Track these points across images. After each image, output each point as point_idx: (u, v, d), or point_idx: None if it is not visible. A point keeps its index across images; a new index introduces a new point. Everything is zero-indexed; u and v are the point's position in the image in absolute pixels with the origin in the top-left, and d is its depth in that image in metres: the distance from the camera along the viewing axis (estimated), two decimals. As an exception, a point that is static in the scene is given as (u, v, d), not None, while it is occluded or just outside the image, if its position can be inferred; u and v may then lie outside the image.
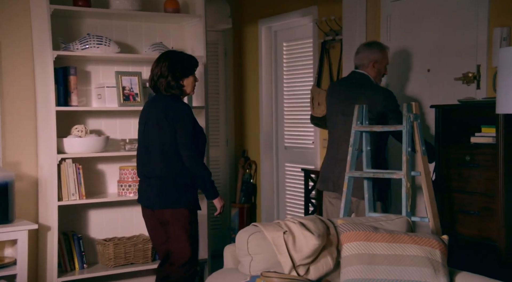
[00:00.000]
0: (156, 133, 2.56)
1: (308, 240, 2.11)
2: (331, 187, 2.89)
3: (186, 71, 2.59)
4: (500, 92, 2.16)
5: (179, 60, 2.57)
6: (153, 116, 2.59)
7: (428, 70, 3.12)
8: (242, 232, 2.20)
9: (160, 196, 2.56)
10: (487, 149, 2.45)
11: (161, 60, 2.60)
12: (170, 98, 2.59)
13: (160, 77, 2.57)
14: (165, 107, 2.55)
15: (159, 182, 2.56)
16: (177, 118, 2.51)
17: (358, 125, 2.70)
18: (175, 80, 2.56)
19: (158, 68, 2.58)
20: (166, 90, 2.58)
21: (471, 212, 2.49)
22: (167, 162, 2.56)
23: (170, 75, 2.55)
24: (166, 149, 2.55)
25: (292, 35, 4.22)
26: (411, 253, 2.05)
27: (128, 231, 3.37)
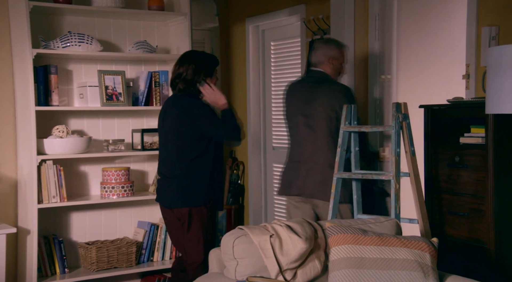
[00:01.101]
0: (173, 132, 2.57)
1: (295, 244, 2.07)
2: (295, 191, 2.77)
3: (210, 72, 2.62)
4: (489, 92, 2.13)
5: (204, 61, 2.60)
6: (171, 115, 2.60)
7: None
8: (227, 236, 2.15)
9: (178, 194, 2.56)
10: (476, 149, 2.42)
11: (187, 61, 2.60)
12: (189, 97, 2.60)
13: (184, 79, 2.59)
14: (185, 106, 2.56)
15: (177, 180, 2.56)
16: (198, 114, 2.52)
17: (347, 125, 2.65)
18: (202, 80, 2.59)
19: (183, 69, 2.59)
20: (186, 90, 2.59)
21: (460, 214, 2.46)
22: (184, 161, 2.56)
23: (196, 77, 2.57)
24: (182, 147, 2.56)
25: (280, 34, 4.17)
26: (401, 256, 2.01)
27: (111, 234, 3.29)
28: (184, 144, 2.55)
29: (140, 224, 3.34)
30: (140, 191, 3.37)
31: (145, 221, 3.33)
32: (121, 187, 3.13)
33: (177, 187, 2.56)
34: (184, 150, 2.55)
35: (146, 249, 3.27)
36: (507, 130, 2.32)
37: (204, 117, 2.54)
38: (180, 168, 2.55)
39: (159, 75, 3.28)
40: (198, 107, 2.55)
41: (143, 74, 3.26)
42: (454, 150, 2.51)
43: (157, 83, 3.27)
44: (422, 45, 3.05)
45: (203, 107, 2.56)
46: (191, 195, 2.55)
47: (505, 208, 2.32)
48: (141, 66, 3.39)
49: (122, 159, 3.34)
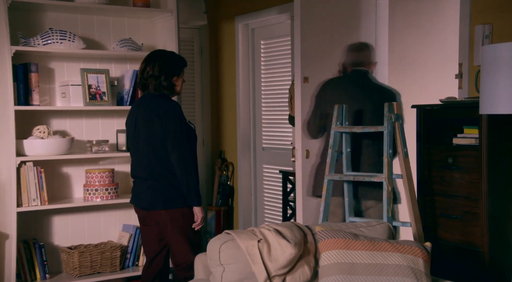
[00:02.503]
0: (147, 133, 2.53)
1: (284, 249, 2.01)
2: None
3: (177, 71, 2.58)
4: (483, 92, 2.07)
5: (172, 60, 2.58)
6: (142, 116, 2.55)
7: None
8: (213, 241, 2.08)
9: (154, 196, 2.52)
10: (470, 150, 2.36)
11: (153, 59, 2.57)
12: (160, 97, 2.56)
13: (151, 77, 2.55)
14: (156, 107, 2.52)
15: (153, 182, 2.52)
16: (167, 118, 2.49)
17: (338, 126, 2.59)
18: (167, 80, 2.55)
19: (150, 67, 2.56)
20: (157, 89, 2.55)
21: (453, 216, 2.41)
22: (160, 162, 2.52)
23: (163, 75, 2.54)
24: (157, 148, 2.51)
25: (269, 33, 4.12)
26: (393, 262, 1.95)
27: (95, 238, 3.20)
28: (158, 145, 2.50)
29: (125, 228, 3.25)
30: (125, 193, 3.28)
31: (130, 224, 3.24)
32: (105, 189, 3.03)
33: (156, 189, 2.52)
34: (158, 150, 2.50)
35: (131, 253, 3.18)
36: (501, 131, 2.27)
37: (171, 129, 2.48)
38: (156, 170, 2.51)
39: (145, 74, 3.18)
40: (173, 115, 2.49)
41: (128, 72, 3.17)
42: (447, 151, 2.45)
43: (142, 82, 3.18)
44: (414, 44, 3.00)
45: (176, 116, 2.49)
46: (171, 196, 2.51)
47: (499, 211, 2.26)
48: (126, 64, 3.30)
49: (106, 160, 3.24)
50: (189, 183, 2.48)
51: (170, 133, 2.47)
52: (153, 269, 2.66)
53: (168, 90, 2.56)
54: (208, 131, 4.54)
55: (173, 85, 2.57)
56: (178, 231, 2.53)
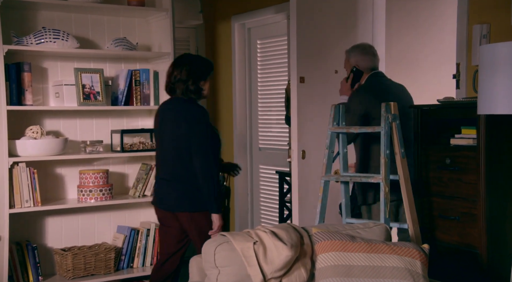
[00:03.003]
0: (173, 137, 2.56)
1: (280, 251, 1.98)
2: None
3: (205, 75, 2.61)
4: (481, 92, 2.05)
5: (199, 64, 2.62)
6: (170, 119, 2.58)
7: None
8: (209, 243, 2.05)
9: (180, 198, 2.55)
10: (467, 151, 2.34)
11: (181, 64, 2.61)
12: (188, 102, 2.59)
13: (178, 81, 2.58)
14: (183, 111, 2.56)
15: (178, 184, 2.56)
16: (193, 123, 2.52)
17: (335, 126, 2.56)
18: (194, 84, 2.58)
19: (178, 71, 2.59)
20: (184, 94, 2.59)
21: (451, 218, 2.39)
22: (185, 165, 2.54)
23: (191, 79, 2.57)
24: (182, 152, 2.54)
25: (266, 33, 4.09)
26: (390, 264, 1.92)
27: (89, 240, 3.16)
28: (183, 149, 2.53)
29: (119, 229, 3.22)
30: (120, 194, 3.24)
31: (125, 226, 3.21)
32: (99, 190, 3.00)
33: (182, 192, 2.55)
34: (184, 154, 2.53)
35: (126, 255, 3.14)
36: (499, 131, 2.25)
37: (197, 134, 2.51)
38: (181, 172, 2.54)
39: (140, 73, 3.16)
40: (199, 120, 2.53)
41: (123, 72, 3.14)
42: (445, 151, 2.43)
43: (137, 82, 3.15)
44: (412, 44, 2.98)
45: (202, 122, 2.53)
46: (196, 199, 2.53)
47: (498, 212, 2.24)
48: (121, 64, 3.27)
49: (101, 161, 3.21)
50: (210, 189, 2.50)
51: (196, 139, 2.50)
52: (165, 271, 2.67)
53: (196, 94, 2.59)
54: (204, 132, 4.50)
55: (201, 89, 2.60)
56: (200, 233, 2.54)
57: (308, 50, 3.11)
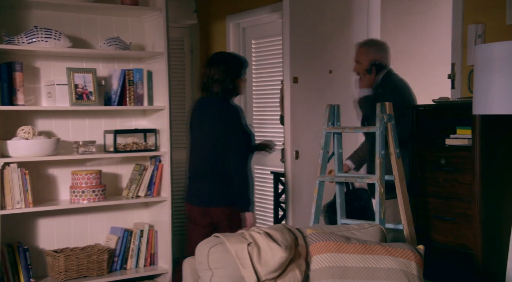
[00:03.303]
0: (209, 135, 2.62)
1: (275, 252, 1.96)
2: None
3: (241, 73, 2.67)
4: (476, 92, 2.04)
5: (235, 63, 2.66)
6: (204, 118, 2.64)
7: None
8: (202, 244, 2.03)
9: (213, 194, 2.61)
10: (463, 151, 2.33)
11: (216, 63, 2.65)
12: (222, 100, 2.65)
13: (216, 81, 2.63)
14: (218, 110, 2.62)
15: (210, 181, 2.62)
16: (228, 122, 2.58)
17: (329, 126, 2.54)
18: (232, 83, 2.63)
19: (214, 71, 2.63)
20: (221, 93, 2.64)
21: (446, 218, 2.38)
22: (218, 162, 2.60)
23: (228, 78, 2.62)
24: (217, 150, 2.60)
25: (261, 32, 4.07)
26: (385, 265, 1.91)
27: (82, 241, 3.13)
28: (218, 148, 2.58)
29: (112, 230, 3.19)
30: (113, 195, 3.21)
31: (118, 227, 3.18)
32: (92, 191, 2.97)
33: (215, 188, 2.61)
34: (219, 153, 2.59)
35: (119, 257, 3.11)
36: (495, 131, 2.24)
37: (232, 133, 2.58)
38: (215, 170, 2.60)
39: (133, 73, 3.13)
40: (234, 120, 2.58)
41: (116, 72, 3.11)
42: (440, 151, 2.42)
43: (131, 81, 3.12)
44: (407, 43, 2.97)
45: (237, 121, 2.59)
46: (229, 194, 2.59)
47: (493, 213, 2.23)
48: (114, 63, 3.24)
49: (94, 161, 3.18)
50: (243, 188, 2.56)
51: (230, 137, 2.56)
52: None
53: (233, 93, 2.64)
54: (198, 132, 4.48)
55: (237, 87, 2.65)
56: (231, 228, 2.56)
57: (302, 50, 3.09)
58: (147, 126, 3.30)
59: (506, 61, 1.89)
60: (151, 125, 3.28)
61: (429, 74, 2.82)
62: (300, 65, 3.10)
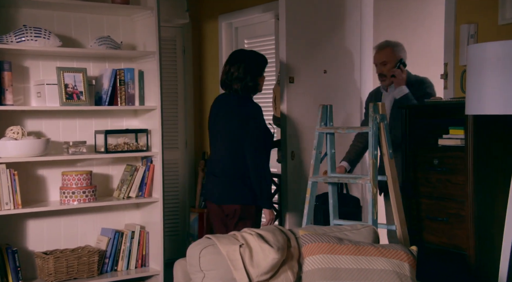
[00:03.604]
0: (226, 132, 2.63)
1: (267, 254, 1.94)
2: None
3: (261, 71, 2.66)
4: (469, 92, 2.03)
5: (255, 61, 2.65)
6: (223, 115, 2.65)
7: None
8: (193, 246, 2.01)
9: (226, 191, 2.63)
10: (455, 151, 2.33)
11: (236, 61, 2.66)
12: (242, 98, 2.65)
13: (236, 79, 2.64)
14: (237, 107, 2.62)
15: (226, 178, 2.63)
16: (248, 120, 2.58)
17: (322, 126, 2.53)
18: (252, 81, 2.63)
19: (234, 69, 2.64)
20: (242, 91, 2.64)
21: (439, 219, 2.37)
22: (236, 160, 2.61)
23: (248, 76, 2.62)
24: (235, 148, 2.60)
25: (253, 32, 4.05)
26: (378, 266, 1.89)
27: (72, 243, 3.09)
28: (236, 146, 2.59)
29: (103, 231, 3.15)
30: (104, 196, 3.18)
31: (109, 228, 3.14)
32: (83, 192, 2.93)
33: (229, 185, 2.62)
34: (236, 151, 2.59)
35: (110, 258, 3.08)
36: (487, 132, 2.23)
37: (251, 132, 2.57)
38: (230, 168, 2.61)
39: (124, 73, 3.10)
40: (254, 118, 2.57)
41: (107, 72, 3.07)
42: (433, 152, 2.41)
43: (122, 81, 3.09)
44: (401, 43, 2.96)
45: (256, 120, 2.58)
46: (242, 193, 2.60)
47: (486, 213, 2.23)
48: (105, 63, 3.20)
49: (84, 162, 3.14)
50: (262, 186, 2.57)
51: (249, 135, 2.56)
52: None
53: (253, 90, 2.65)
54: (191, 132, 4.46)
55: (258, 85, 2.65)
56: (241, 226, 2.56)
57: (297, 50, 3.07)
58: (138, 126, 3.26)
59: (499, 61, 1.89)
60: (142, 126, 3.24)
61: (421, 74, 2.81)
62: (296, 65, 3.08)
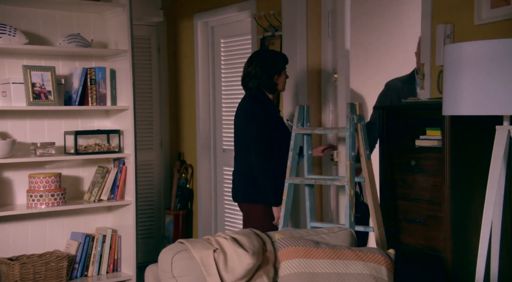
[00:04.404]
0: (237, 132, 2.71)
1: (242, 259, 1.89)
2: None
3: (279, 70, 2.67)
4: (446, 93, 2.01)
5: (272, 59, 2.68)
6: (236, 115, 2.73)
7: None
8: (165, 251, 1.94)
9: (237, 190, 2.70)
10: (432, 152, 2.31)
11: (254, 60, 2.69)
12: (251, 98, 2.69)
13: (253, 77, 2.67)
14: (244, 107, 2.69)
15: (239, 177, 2.70)
16: (249, 119, 2.63)
17: (299, 127, 2.48)
18: (269, 80, 2.66)
19: (252, 67, 2.67)
20: (255, 89, 2.67)
21: (416, 221, 2.35)
22: (244, 159, 2.67)
23: (264, 75, 2.65)
24: (244, 147, 2.66)
25: (230, 31, 3.99)
26: (355, 270, 1.86)
27: (39, 248, 2.98)
28: (243, 144, 2.65)
29: (73, 236, 3.04)
30: (74, 199, 3.07)
31: (79, 232, 3.04)
32: (51, 195, 2.82)
33: (240, 183, 2.69)
34: (245, 149, 2.65)
35: (80, 263, 2.97)
36: (465, 132, 2.22)
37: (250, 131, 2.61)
38: (242, 166, 2.67)
39: (95, 72, 3.00)
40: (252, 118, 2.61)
41: (77, 70, 2.97)
42: (410, 153, 2.39)
43: (93, 80, 2.99)
44: (376, 43, 2.94)
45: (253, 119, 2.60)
46: (249, 192, 2.64)
47: (463, 215, 2.21)
48: (75, 62, 3.09)
49: (53, 164, 3.03)
50: (264, 183, 2.58)
51: (250, 134, 2.61)
52: None
53: (270, 89, 2.67)
54: (166, 133, 4.38)
55: (275, 84, 2.67)
56: (251, 225, 2.60)
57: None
58: (110, 127, 3.16)
59: (476, 61, 1.87)
60: (114, 126, 3.15)
61: (398, 75, 2.80)
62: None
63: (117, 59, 3.09)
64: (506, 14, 2.31)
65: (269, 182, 2.57)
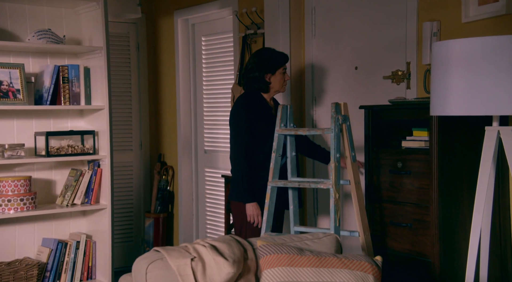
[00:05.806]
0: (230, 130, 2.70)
1: (221, 268, 1.79)
2: None
3: (272, 69, 2.61)
4: (434, 92, 1.93)
5: (267, 57, 2.62)
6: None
7: (356, 68, 2.89)
8: (140, 260, 1.83)
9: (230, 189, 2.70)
10: (419, 154, 2.23)
11: (251, 57, 2.66)
12: (241, 95, 2.66)
13: (245, 73, 2.65)
14: (233, 105, 2.67)
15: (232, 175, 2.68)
16: (230, 118, 2.62)
17: (282, 128, 2.39)
18: (261, 77, 2.61)
19: (248, 63, 2.64)
20: (245, 86, 2.66)
21: (403, 225, 2.27)
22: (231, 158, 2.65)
23: (256, 72, 2.60)
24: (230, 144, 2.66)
25: (211, 29, 3.88)
26: (341, 279, 1.76)
27: (8, 255, 2.83)
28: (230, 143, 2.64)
29: (44, 242, 2.89)
30: (45, 203, 2.92)
31: (51, 238, 2.89)
32: (20, 199, 2.67)
33: (231, 181, 2.69)
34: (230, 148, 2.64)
35: (51, 271, 2.82)
36: (452, 133, 2.15)
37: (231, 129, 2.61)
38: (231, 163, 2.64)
39: (68, 69, 2.86)
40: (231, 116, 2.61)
41: (49, 68, 2.82)
42: (397, 154, 2.31)
43: (65, 79, 2.84)
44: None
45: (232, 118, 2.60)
46: (232, 189, 2.64)
47: (451, 219, 2.14)
48: (46, 59, 2.94)
49: (23, 166, 2.88)
50: (237, 179, 2.56)
51: (230, 131, 2.61)
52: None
53: (263, 88, 2.60)
54: (146, 133, 4.25)
55: (267, 82, 2.60)
56: (235, 223, 2.65)
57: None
58: (84, 127, 3.02)
59: (465, 60, 1.79)
60: (89, 127, 3.00)
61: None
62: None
63: (91, 56, 2.95)
64: (494, 11, 2.25)
65: (241, 178, 2.53)
